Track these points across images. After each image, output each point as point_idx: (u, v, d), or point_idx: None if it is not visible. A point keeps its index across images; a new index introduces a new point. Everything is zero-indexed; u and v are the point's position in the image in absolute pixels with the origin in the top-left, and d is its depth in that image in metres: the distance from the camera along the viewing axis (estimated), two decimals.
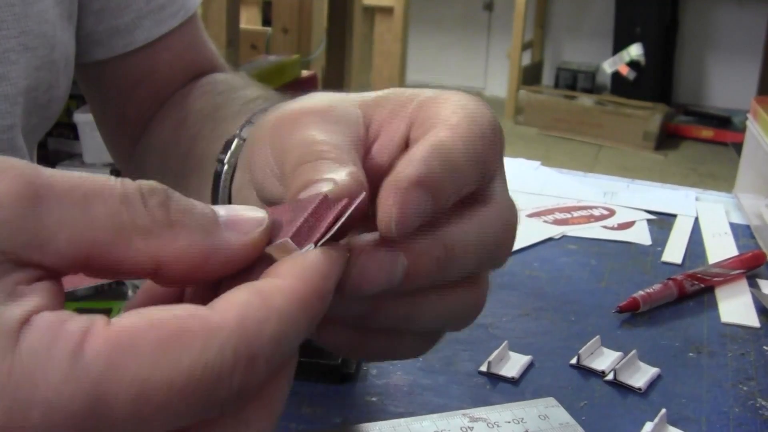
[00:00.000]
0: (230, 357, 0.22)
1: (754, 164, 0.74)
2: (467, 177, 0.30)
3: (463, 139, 0.30)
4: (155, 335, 0.22)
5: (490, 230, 0.31)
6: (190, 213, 0.25)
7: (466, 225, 0.30)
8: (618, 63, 3.93)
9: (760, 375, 0.47)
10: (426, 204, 0.28)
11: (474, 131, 0.31)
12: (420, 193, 0.28)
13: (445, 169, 0.29)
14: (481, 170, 0.31)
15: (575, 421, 0.41)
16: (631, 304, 0.53)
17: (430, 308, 0.31)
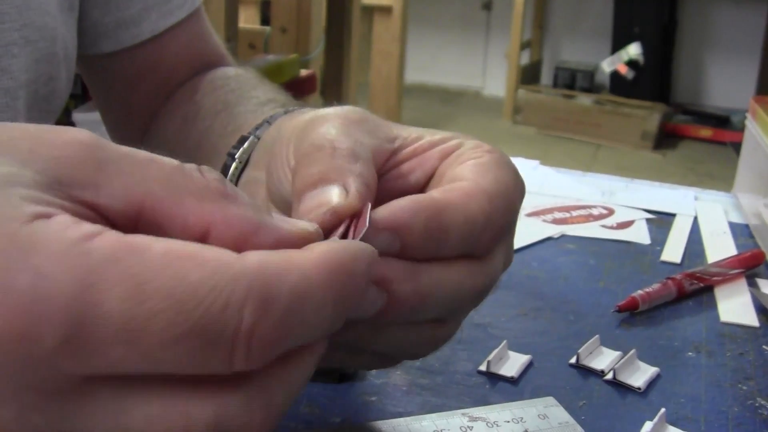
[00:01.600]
0: (242, 290, 0.21)
1: (752, 164, 0.74)
2: (452, 245, 0.30)
3: (465, 213, 0.30)
4: (168, 247, 0.21)
5: (472, 287, 0.32)
6: (244, 195, 0.25)
7: (443, 279, 0.31)
8: (616, 62, 3.93)
9: (759, 374, 0.47)
10: (392, 247, 0.29)
11: (481, 207, 0.31)
12: (390, 236, 0.29)
13: (428, 228, 0.29)
14: (475, 242, 0.31)
15: (574, 421, 0.41)
16: (630, 304, 0.53)
17: (389, 337, 0.31)
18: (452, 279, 0.31)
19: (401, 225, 0.29)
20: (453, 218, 0.30)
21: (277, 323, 0.22)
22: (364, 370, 0.35)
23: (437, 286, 0.30)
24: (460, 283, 0.31)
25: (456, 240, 0.30)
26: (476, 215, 0.31)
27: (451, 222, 0.30)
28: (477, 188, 0.32)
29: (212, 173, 0.25)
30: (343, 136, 0.32)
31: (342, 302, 0.25)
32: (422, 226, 0.29)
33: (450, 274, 0.31)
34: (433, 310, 0.31)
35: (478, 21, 4.45)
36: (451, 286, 0.31)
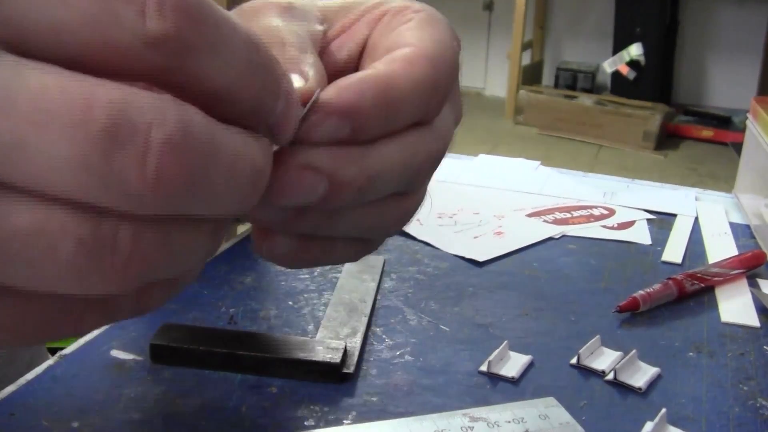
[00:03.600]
0: None
1: (753, 164, 0.74)
2: (404, 117, 0.30)
3: (413, 81, 0.30)
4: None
5: (427, 155, 0.31)
6: None
7: (394, 154, 0.30)
8: (618, 63, 3.93)
9: (760, 375, 0.47)
10: (343, 132, 0.28)
11: (426, 72, 0.30)
12: (338, 122, 0.28)
13: (378, 105, 0.28)
14: (424, 111, 0.30)
15: (575, 421, 0.41)
16: (631, 304, 0.53)
17: (351, 220, 0.31)
18: (403, 152, 0.30)
19: (350, 107, 0.28)
20: (401, 90, 0.29)
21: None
22: (344, 263, 0.34)
23: (387, 162, 0.29)
24: (413, 154, 0.30)
25: (406, 112, 0.30)
26: (422, 82, 0.30)
27: (399, 95, 0.29)
28: (418, 54, 0.31)
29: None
30: (285, 29, 0.32)
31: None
32: (371, 105, 0.28)
33: (400, 148, 0.30)
34: (387, 186, 0.30)
35: (479, 21, 4.45)
36: (403, 159, 0.30)
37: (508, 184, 0.77)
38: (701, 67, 4.06)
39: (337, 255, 0.32)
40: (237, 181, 0.23)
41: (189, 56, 0.21)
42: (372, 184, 0.29)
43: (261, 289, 0.54)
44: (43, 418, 0.39)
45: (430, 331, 0.50)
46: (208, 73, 0.22)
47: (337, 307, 0.51)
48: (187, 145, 0.20)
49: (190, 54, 0.21)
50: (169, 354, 0.44)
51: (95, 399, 0.41)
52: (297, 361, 0.44)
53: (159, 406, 0.41)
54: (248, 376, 0.44)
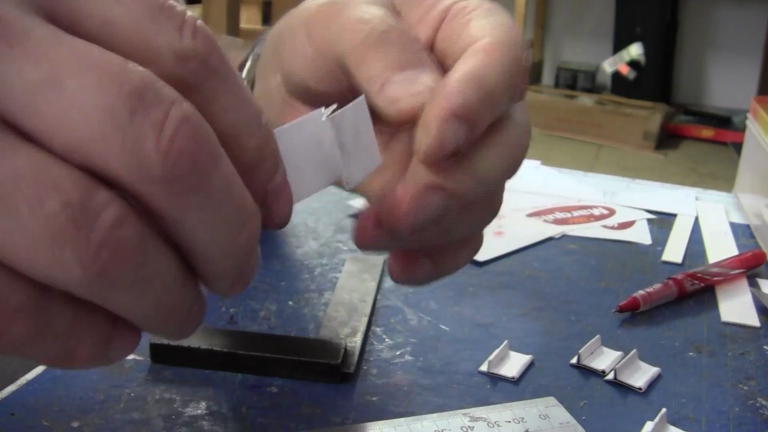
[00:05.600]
0: None
1: (754, 164, 0.74)
2: (501, 104, 0.31)
3: (500, 67, 0.30)
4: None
5: (511, 152, 0.32)
6: None
7: (494, 151, 0.31)
8: (618, 62, 3.93)
9: (760, 374, 0.47)
10: (462, 135, 0.29)
11: (508, 56, 0.31)
12: (457, 125, 0.29)
13: (482, 98, 0.29)
14: (512, 95, 0.31)
15: (575, 421, 0.41)
16: (631, 304, 0.53)
17: (461, 222, 0.33)
18: (502, 148, 0.32)
19: (459, 107, 0.29)
20: (493, 80, 0.30)
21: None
22: (466, 263, 0.36)
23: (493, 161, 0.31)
24: (506, 148, 0.32)
25: (504, 97, 0.31)
26: (509, 66, 0.31)
27: (493, 83, 0.30)
28: (492, 42, 0.31)
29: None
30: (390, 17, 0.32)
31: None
32: (476, 100, 0.29)
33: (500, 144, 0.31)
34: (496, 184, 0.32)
35: None
36: (503, 154, 0.32)
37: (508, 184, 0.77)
38: (701, 67, 4.05)
39: (460, 259, 0.35)
40: (228, 208, 0.23)
41: (208, 79, 0.23)
42: (485, 186, 0.31)
43: (261, 289, 0.54)
44: (43, 418, 0.39)
45: (430, 331, 0.50)
46: (222, 103, 0.23)
47: (337, 307, 0.51)
48: (199, 132, 0.22)
49: (209, 77, 0.23)
50: (169, 354, 0.44)
51: (95, 399, 0.41)
52: (297, 361, 0.44)
53: (159, 406, 0.41)
54: (248, 376, 0.44)
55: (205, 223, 0.23)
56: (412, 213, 0.29)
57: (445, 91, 0.29)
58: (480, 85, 0.29)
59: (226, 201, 0.23)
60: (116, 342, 0.23)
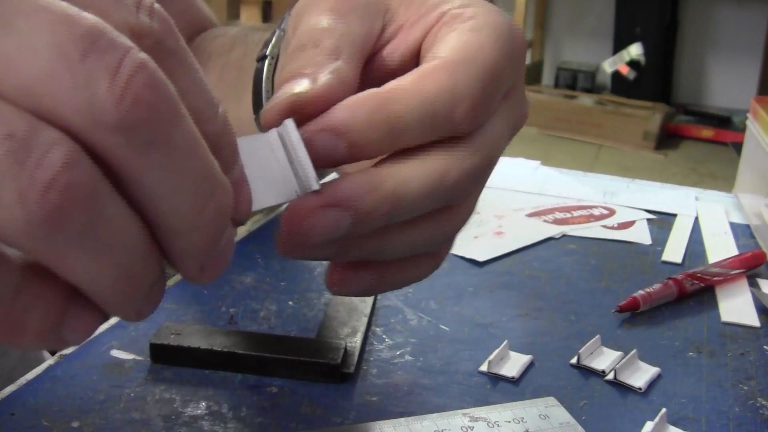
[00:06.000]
0: None
1: (753, 164, 0.74)
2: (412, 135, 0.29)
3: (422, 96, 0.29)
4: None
5: (463, 170, 0.30)
6: None
7: (417, 174, 0.29)
8: (618, 62, 3.93)
9: (760, 374, 0.47)
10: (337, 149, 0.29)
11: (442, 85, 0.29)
12: (331, 137, 0.28)
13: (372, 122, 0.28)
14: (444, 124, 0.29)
15: (575, 421, 0.41)
16: (631, 304, 0.53)
17: (401, 239, 0.30)
18: (428, 172, 0.29)
19: (340, 123, 0.28)
20: (403, 106, 0.29)
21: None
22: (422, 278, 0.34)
23: (411, 184, 0.29)
24: (443, 173, 0.29)
25: (416, 127, 0.29)
26: (434, 94, 0.29)
27: (401, 110, 0.29)
28: (434, 65, 0.30)
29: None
30: (328, 30, 0.31)
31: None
32: (364, 122, 0.28)
33: (424, 168, 0.29)
34: (419, 206, 0.29)
35: None
36: (430, 179, 0.29)
37: (508, 184, 0.77)
38: (701, 67, 4.05)
39: (410, 274, 0.32)
40: (193, 170, 0.22)
41: (164, 59, 0.22)
42: (398, 208, 0.29)
43: (261, 289, 0.54)
44: (43, 418, 0.39)
45: (430, 331, 0.50)
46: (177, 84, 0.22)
47: (337, 307, 0.51)
48: (157, 81, 0.21)
49: (165, 57, 0.22)
50: (169, 354, 0.44)
51: (95, 399, 0.41)
52: (297, 361, 0.44)
53: (159, 406, 0.41)
54: (248, 376, 0.44)
55: (167, 185, 0.21)
56: (307, 230, 0.28)
57: (341, 103, 0.29)
58: (378, 109, 0.28)
59: (190, 162, 0.22)
60: (72, 320, 0.22)
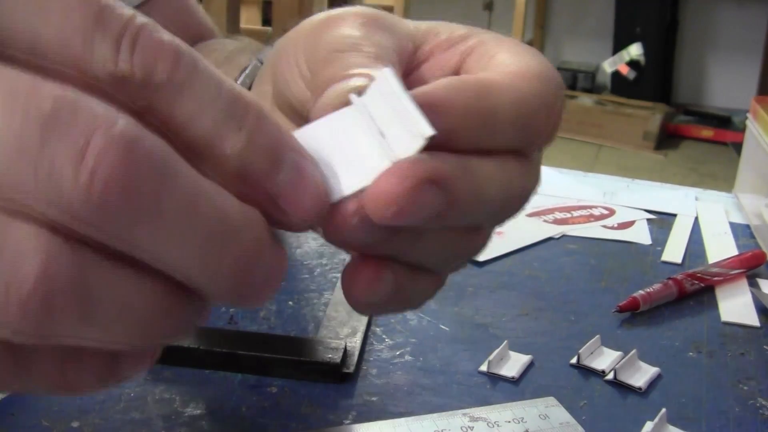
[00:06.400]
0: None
1: (753, 164, 0.74)
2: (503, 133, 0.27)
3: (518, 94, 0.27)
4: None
5: (521, 189, 0.28)
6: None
7: (495, 175, 0.27)
8: (618, 63, 3.93)
9: (760, 374, 0.47)
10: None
11: (537, 88, 0.28)
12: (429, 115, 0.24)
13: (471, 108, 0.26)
14: (529, 132, 0.28)
15: (575, 421, 0.41)
16: (631, 304, 0.53)
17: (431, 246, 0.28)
18: (502, 176, 0.27)
19: (441, 101, 0.25)
20: (502, 100, 0.27)
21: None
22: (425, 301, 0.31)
23: (490, 182, 0.27)
24: (510, 182, 0.27)
25: (507, 126, 0.27)
26: (528, 96, 0.27)
27: (499, 104, 0.26)
28: (524, 68, 0.28)
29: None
30: (365, 38, 0.29)
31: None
32: (465, 105, 0.26)
33: (500, 171, 0.27)
34: (482, 213, 0.27)
35: (479, 21, 4.45)
36: (502, 185, 0.27)
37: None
38: (701, 67, 4.05)
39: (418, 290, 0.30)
40: (197, 228, 0.20)
41: (156, 96, 0.21)
42: (477, 206, 0.27)
43: None
44: (43, 418, 0.39)
45: (430, 331, 0.50)
46: (180, 115, 0.21)
47: (337, 307, 0.51)
48: (134, 159, 0.19)
49: (157, 94, 0.21)
50: (169, 354, 0.44)
51: (95, 399, 0.41)
52: (297, 361, 0.44)
53: (159, 406, 0.41)
54: (248, 376, 0.44)
55: (167, 250, 0.20)
56: (405, 207, 0.24)
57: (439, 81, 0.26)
58: (479, 95, 0.26)
59: (192, 221, 0.20)
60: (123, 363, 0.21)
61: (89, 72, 0.20)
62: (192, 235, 0.20)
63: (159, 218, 0.19)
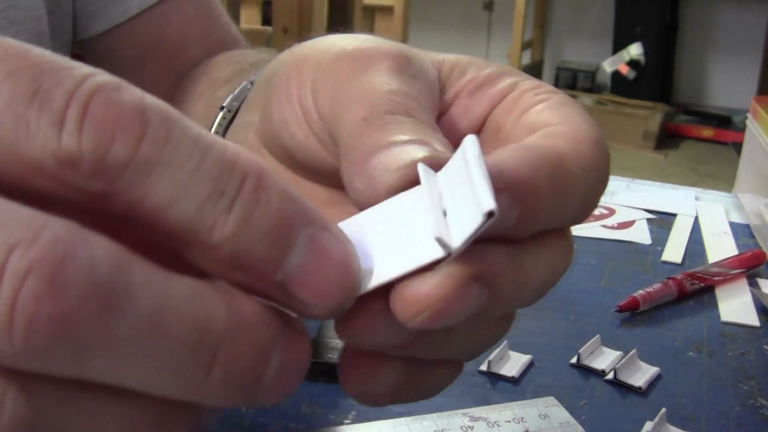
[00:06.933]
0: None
1: (753, 164, 0.74)
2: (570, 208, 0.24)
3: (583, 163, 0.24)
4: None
5: (557, 268, 0.25)
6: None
7: (542, 259, 0.24)
8: (618, 62, 3.93)
9: (760, 374, 0.47)
10: (508, 217, 0.21)
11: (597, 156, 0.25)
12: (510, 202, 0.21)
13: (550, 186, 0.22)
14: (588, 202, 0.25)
15: (575, 421, 0.41)
16: (631, 304, 0.53)
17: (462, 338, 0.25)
18: (549, 259, 0.24)
19: (520, 182, 0.21)
20: (574, 173, 0.23)
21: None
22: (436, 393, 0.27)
23: (536, 269, 0.23)
24: (555, 264, 0.24)
25: (576, 203, 0.24)
26: (593, 168, 0.24)
27: (572, 179, 0.23)
28: (581, 132, 0.25)
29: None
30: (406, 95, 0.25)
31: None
32: (543, 184, 0.21)
33: (548, 253, 0.24)
34: (523, 301, 0.24)
35: (479, 21, 4.45)
36: (547, 268, 0.24)
37: None
38: (701, 67, 4.05)
39: (432, 383, 0.26)
40: (168, 344, 0.16)
41: (117, 179, 0.17)
42: (521, 296, 0.23)
43: None
44: None
45: None
46: (150, 201, 0.17)
47: None
48: (66, 280, 0.15)
49: (118, 176, 0.16)
50: None
51: None
52: None
53: None
54: None
55: (139, 372, 0.16)
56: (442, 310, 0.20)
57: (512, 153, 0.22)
58: (555, 171, 0.22)
59: (159, 338, 0.16)
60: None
61: (26, 158, 0.16)
62: (160, 355, 0.16)
63: (114, 344, 0.16)
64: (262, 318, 0.18)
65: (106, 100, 0.17)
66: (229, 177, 0.17)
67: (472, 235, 0.19)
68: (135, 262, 0.16)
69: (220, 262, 0.18)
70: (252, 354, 0.18)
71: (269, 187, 0.18)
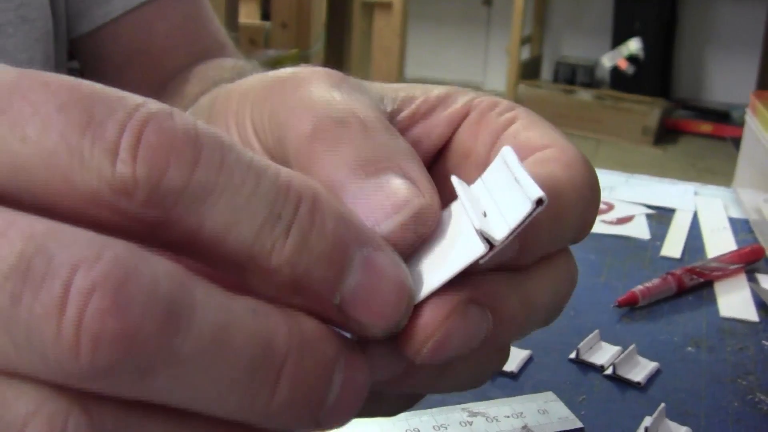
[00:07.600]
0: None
1: (752, 159, 0.74)
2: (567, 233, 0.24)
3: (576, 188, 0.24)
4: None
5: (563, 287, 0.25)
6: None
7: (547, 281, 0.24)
8: (617, 57, 3.93)
9: (759, 369, 0.47)
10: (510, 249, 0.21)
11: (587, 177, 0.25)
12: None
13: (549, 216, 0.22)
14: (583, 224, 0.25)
15: (574, 416, 0.41)
16: (630, 299, 0.53)
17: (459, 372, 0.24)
18: (553, 280, 0.24)
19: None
20: (567, 198, 0.23)
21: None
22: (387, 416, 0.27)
23: (541, 293, 0.23)
24: (559, 285, 0.24)
25: (572, 227, 0.24)
26: (583, 189, 0.24)
27: (566, 203, 0.23)
28: (570, 155, 0.25)
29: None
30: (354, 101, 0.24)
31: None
32: (546, 215, 0.21)
33: (552, 274, 0.24)
34: (528, 327, 0.24)
35: (478, 16, 4.45)
36: (552, 290, 0.24)
37: None
38: (700, 62, 4.05)
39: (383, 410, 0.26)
40: (231, 364, 0.16)
41: (173, 206, 0.17)
42: (528, 320, 0.23)
43: None
44: None
45: None
46: (208, 228, 0.17)
47: None
48: (130, 300, 0.15)
49: (174, 204, 0.17)
50: None
51: None
52: None
53: None
54: None
55: (201, 392, 0.16)
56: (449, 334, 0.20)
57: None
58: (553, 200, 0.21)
59: (222, 358, 0.16)
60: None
61: (81, 188, 0.16)
62: (225, 373, 0.16)
63: (178, 362, 0.16)
64: (323, 335, 0.18)
65: (159, 127, 0.17)
66: (285, 201, 0.18)
67: (519, 224, 0.19)
68: (196, 280, 0.16)
69: (279, 285, 0.18)
70: (316, 371, 0.18)
71: (324, 210, 0.18)
